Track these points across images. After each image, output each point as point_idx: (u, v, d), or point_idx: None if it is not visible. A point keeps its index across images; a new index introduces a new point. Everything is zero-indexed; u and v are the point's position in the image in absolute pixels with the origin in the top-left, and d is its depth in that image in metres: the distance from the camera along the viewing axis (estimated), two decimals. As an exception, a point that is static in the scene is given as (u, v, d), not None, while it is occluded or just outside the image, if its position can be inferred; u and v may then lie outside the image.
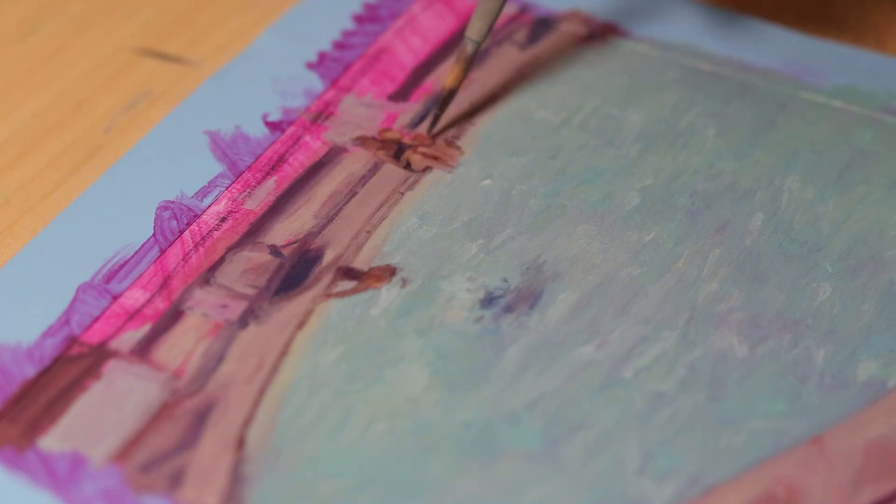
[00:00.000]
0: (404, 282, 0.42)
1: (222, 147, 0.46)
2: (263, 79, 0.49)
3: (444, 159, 0.46)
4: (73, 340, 0.40)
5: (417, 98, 0.48)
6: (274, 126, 0.47)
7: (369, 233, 0.43)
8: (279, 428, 0.38)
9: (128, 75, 0.50)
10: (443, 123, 0.47)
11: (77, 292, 0.41)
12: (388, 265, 0.42)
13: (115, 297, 0.41)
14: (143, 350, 0.40)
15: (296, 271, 0.42)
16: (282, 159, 0.46)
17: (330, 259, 0.43)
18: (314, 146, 0.46)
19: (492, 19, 0.47)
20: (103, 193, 0.44)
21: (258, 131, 0.47)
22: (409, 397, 0.39)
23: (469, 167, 0.46)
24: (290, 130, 0.47)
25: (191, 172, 0.45)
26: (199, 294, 0.41)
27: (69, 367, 0.39)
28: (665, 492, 0.37)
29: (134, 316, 0.41)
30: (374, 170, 0.46)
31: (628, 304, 0.42)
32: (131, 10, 0.53)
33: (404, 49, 0.51)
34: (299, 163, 0.46)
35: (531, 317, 0.41)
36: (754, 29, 0.52)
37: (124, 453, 0.37)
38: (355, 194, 0.45)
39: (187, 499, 0.36)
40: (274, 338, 0.40)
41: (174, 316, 0.41)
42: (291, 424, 0.38)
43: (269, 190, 0.45)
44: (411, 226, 0.44)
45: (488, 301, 0.41)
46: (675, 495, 0.37)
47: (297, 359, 0.40)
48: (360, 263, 0.43)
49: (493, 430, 0.38)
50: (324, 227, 0.44)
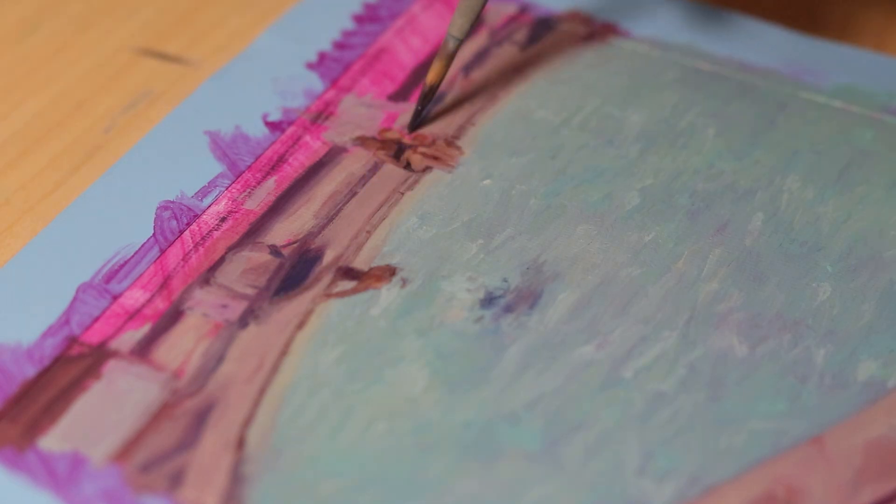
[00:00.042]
0: (404, 282, 0.42)
1: (222, 147, 0.46)
2: (263, 79, 0.49)
3: (444, 159, 0.46)
4: (73, 340, 0.40)
5: (417, 98, 0.48)
6: (274, 126, 0.47)
7: (369, 233, 0.43)
8: (279, 428, 0.38)
9: (128, 75, 0.50)
10: (423, 119, 0.47)
11: (77, 292, 0.41)
12: (388, 265, 0.42)
13: (115, 297, 0.41)
14: (143, 350, 0.40)
15: (296, 271, 0.42)
16: (282, 159, 0.46)
17: (330, 259, 0.43)
18: (314, 146, 0.46)
19: (474, 16, 0.47)
20: (103, 193, 0.44)
21: (258, 131, 0.47)
22: (409, 397, 0.39)
23: (469, 167, 0.46)
24: (290, 130, 0.47)
25: (191, 172, 0.45)
26: (199, 294, 0.41)
27: (69, 367, 0.39)
28: (665, 492, 0.37)
29: (134, 316, 0.41)
30: (374, 170, 0.46)
31: (628, 304, 0.41)
32: (131, 10, 0.52)
33: (404, 49, 0.51)
34: (299, 163, 0.46)
35: (531, 317, 0.41)
36: (754, 29, 0.52)
37: (124, 453, 0.37)
38: (355, 194, 0.45)
39: (187, 499, 0.36)
40: (274, 338, 0.40)
41: (174, 316, 0.41)
42: (291, 424, 0.38)
43: (269, 190, 0.45)
44: (411, 226, 0.44)
45: (488, 301, 0.41)
46: (675, 495, 0.37)
47: (297, 359, 0.40)
48: (360, 263, 0.43)
49: (493, 430, 0.38)
50: (324, 227, 0.44)
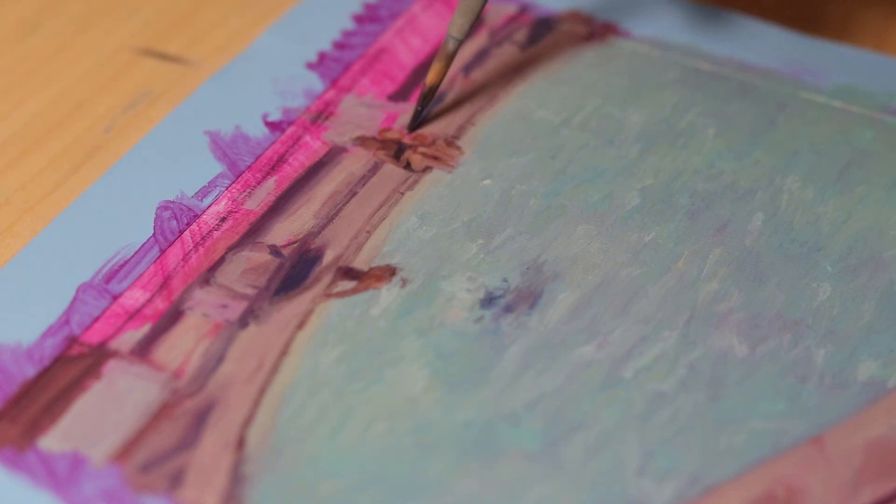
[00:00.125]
0: (404, 282, 0.42)
1: (222, 147, 0.46)
2: (263, 79, 0.49)
3: (444, 159, 0.46)
4: (73, 340, 0.40)
5: (417, 98, 0.48)
6: (274, 126, 0.47)
7: (369, 233, 0.43)
8: (279, 428, 0.38)
9: (128, 75, 0.50)
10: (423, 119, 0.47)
11: (77, 292, 0.41)
12: (388, 265, 0.42)
13: (115, 297, 0.41)
14: (143, 350, 0.40)
15: (296, 271, 0.42)
16: (282, 159, 0.46)
17: (330, 259, 0.43)
18: (314, 146, 0.46)
19: (473, 16, 0.47)
20: (103, 193, 0.44)
21: (258, 131, 0.47)
22: (409, 397, 0.39)
23: (469, 167, 0.46)
24: (290, 130, 0.47)
25: (191, 172, 0.45)
26: (199, 294, 0.41)
27: (69, 367, 0.39)
28: (665, 492, 0.37)
29: (134, 316, 0.41)
30: (374, 170, 0.46)
31: (628, 304, 0.41)
32: (131, 10, 0.52)
33: (404, 49, 0.51)
34: (299, 163, 0.46)
35: (531, 317, 0.41)
36: (754, 29, 0.52)
37: (124, 453, 0.37)
38: (355, 194, 0.45)
39: (187, 499, 0.36)
40: (274, 338, 0.40)
41: (174, 316, 0.41)
42: (291, 424, 0.38)
43: (269, 190, 0.45)
44: (411, 226, 0.44)
45: (488, 301, 0.41)
46: (675, 495, 0.37)
47: (297, 359, 0.40)
48: (360, 263, 0.43)
49: (493, 430, 0.38)
50: (324, 227, 0.44)
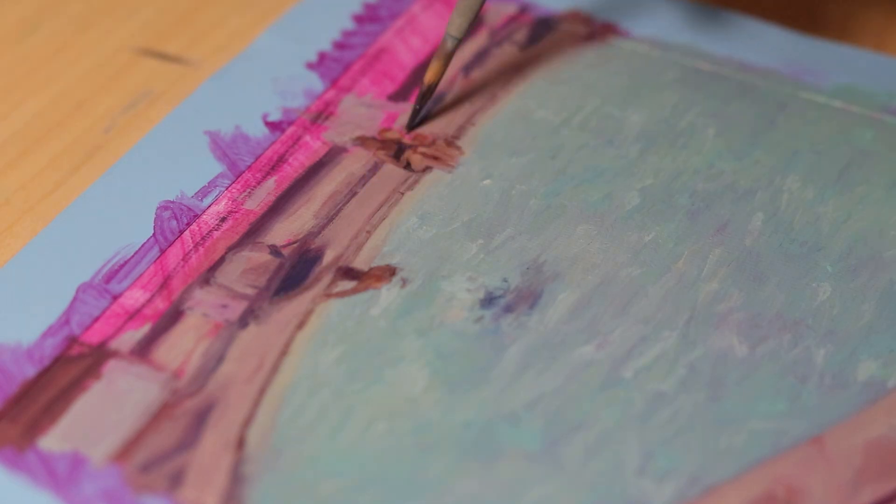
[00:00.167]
0: (404, 282, 0.42)
1: (222, 147, 0.46)
2: (263, 79, 0.49)
3: (444, 159, 0.46)
4: (73, 340, 0.40)
5: (415, 97, 0.48)
6: (274, 126, 0.47)
7: (369, 233, 0.43)
8: (279, 428, 0.38)
9: (128, 75, 0.50)
10: (421, 118, 0.47)
11: (77, 292, 0.41)
12: (388, 265, 0.42)
13: (115, 297, 0.41)
14: (143, 350, 0.40)
15: (296, 271, 0.42)
16: (282, 159, 0.46)
17: (330, 259, 0.43)
18: (314, 146, 0.46)
19: (472, 16, 0.47)
20: (103, 193, 0.44)
21: (258, 131, 0.47)
22: (409, 397, 0.39)
23: (469, 167, 0.46)
24: (290, 130, 0.47)
25: (191, 172, 0.45)
26: (199, 294, 0.41)
27: (69, 367, 0.39)
28: (665, 492, 0.37)
29: (134, 316, 0.41)
30: (374, 170, 0.46)
31: (628, 304, 0.41)
32: (131, 10, 0.52)
33: (404, 49, 0.51)
34: (299, 163, 0.46)
35: (531, 317, 0.41)
36: (754, 29, 0.52)
37: (124, 453, 0.37)
38: (355, 194, 0.45)
39: (187, 499, 0.36)
40: (274, 338, 0.40)
41: (174, 316, 0.41)
42: (291, 424, 0.38)
43: (269, 190, 0.45)
44: (411, 226, 0.44)
45: (488, 301, 0.41)
46: (675, 495, 0.37)
47: (297, 359, 0.40)
48: (360, 263, 0.43)
49: (493, 430, 0.38)
50: (324, 227, 0.44)
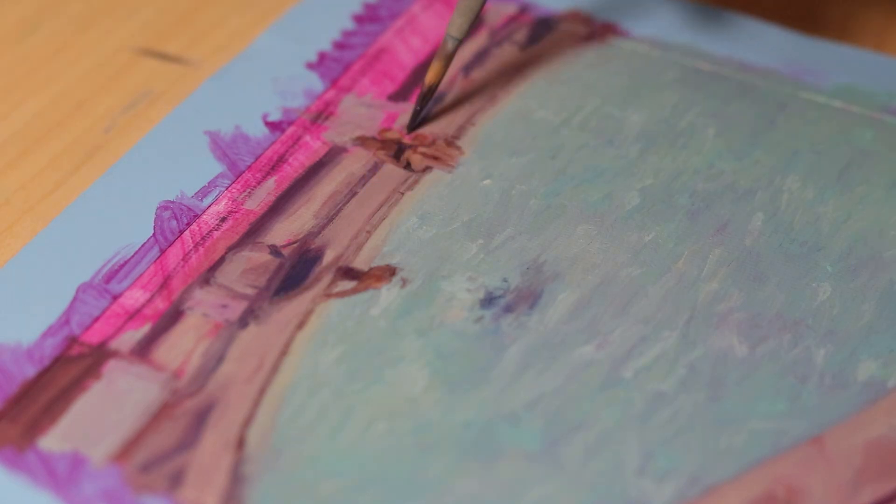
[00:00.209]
0: (404, 282, 0.42)
1: (222, 147, 0.46)
2: (263, 79, 0.49)
3: (444, 159, 0.46)
4: (73, 340, 0.40)
5: (416, 98, 0.48)
6: (274, 126, 0.47)
7: (369, 233, 0.43)
8: (279, 428, 0.38)
9: (128, 75, 0.50)
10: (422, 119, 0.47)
11: (77, 292, 0.41)
12: (388, 265, 0.42)
13: (115, 297, 0.41)
14: (143, 350, 0.40)
15: (296, 271, 0.42)
16: (282, 159, 0.46)
17: (330, 259, 0.43)
18: (314, 146, 0.46)
19: (473, 16, 0.47)
20: (103, 193, 0.44)
21: (258, 131, 0.47)
22: (409, 397, 0.39)
23: (469, 167, 0.46)
24: (290, 130, 0.47)
25: (191, 172, 0.45)
26: (199, 294, 0.41)
27: (69, 367, 0.39)
28: (665, 492, 0.37)
29: (134, 316, 0.41)
30: (374, 170, 0.46)
31: (628, 304, 0.41)
32: (131, 10, 0.52)
33: (404, 49, 0.51)
34: (299, 163, 0.46)
35: (531, 317, 0.41)
36: (754, 29, 0.52)
37: (124, 453, 0.37)
38: (355, 194, 0.45)
39: (187, 499, 0.36)
40: (274, 338, 0.40)
41: (174, 316, 0.41)
42: (291, 424, 0.38)
43: (269, 190, 0.45)
44: (411, 226, 0.44)
45: (488, 301, 0.41)
46: (675, 495, 0.37)
47: (297, 359, 0.40)
48: (360, 263, 0.43)
49: (493, 430, 0.38)
50: (324, 227, 0.44)
